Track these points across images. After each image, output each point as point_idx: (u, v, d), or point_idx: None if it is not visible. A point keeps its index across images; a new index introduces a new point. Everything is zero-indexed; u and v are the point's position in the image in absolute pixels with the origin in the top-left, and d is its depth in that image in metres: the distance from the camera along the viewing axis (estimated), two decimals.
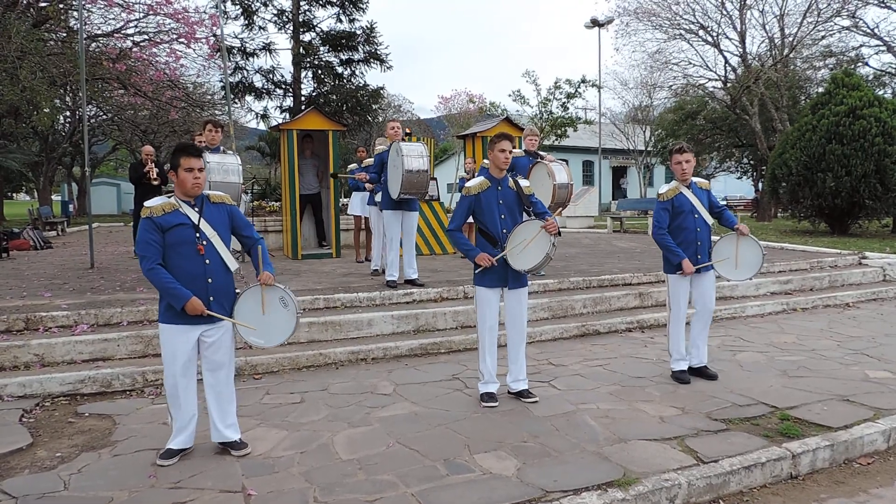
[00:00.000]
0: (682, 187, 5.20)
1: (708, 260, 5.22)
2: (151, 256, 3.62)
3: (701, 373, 5.34)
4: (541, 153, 8.10)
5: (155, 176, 9.91)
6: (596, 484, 3.41)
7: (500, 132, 4.83)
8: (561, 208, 7.90)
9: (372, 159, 8.22)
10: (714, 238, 5.35)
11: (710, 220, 5.25)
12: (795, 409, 4.52)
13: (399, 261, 7.58)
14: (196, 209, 3.77)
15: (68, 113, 25.72)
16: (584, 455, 3.80)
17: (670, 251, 5.15)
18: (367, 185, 8.78)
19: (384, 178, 7.44)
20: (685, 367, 5.33)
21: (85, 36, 10.12)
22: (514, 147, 4.90)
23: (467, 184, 4.80)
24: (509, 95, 41.76)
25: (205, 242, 3.73)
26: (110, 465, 3.75)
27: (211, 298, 3.73)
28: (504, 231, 4.65)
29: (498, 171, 4.75)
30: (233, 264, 3.85)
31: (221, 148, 7.10)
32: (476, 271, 4.73)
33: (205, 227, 3.75)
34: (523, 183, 4.80)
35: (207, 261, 3.73)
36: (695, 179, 5.29)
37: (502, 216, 4.69)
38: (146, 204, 3.72)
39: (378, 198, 8.11)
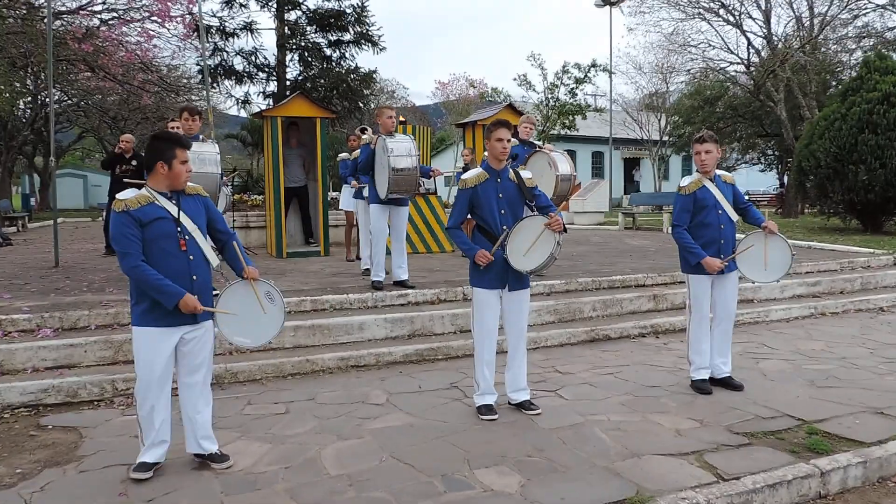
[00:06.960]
0: (706, 180, 5.19)
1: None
2: (134, 253, 3.60)
3: (725, 384, 5.31)
4: (537, 143, 8.10)
5: (130, 170, 9.91)
6: (607, 502, 3.42)
7: (497, 119, 4.82)
8: (564, 202, 7.94)
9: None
10: (739, 236, 5.34)
11: (734, 216, 5.23)
12: (824, 423, 4.53)
13: (386, 259, 7.58)
14: (173, 202, 3.77)
15: (29, 98, 25.62)
16: (594, 471, 3.81)
17: (688, 250, 5.14)
18: (353, 182, 8.76)
19: (372, 172, 7.42)
20: (706, 377, 5.31)
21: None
22: (512, 135, 4.87)
23: (463, 176, 4.78)
24: (514, 80, 41.82)
25: (187, 237, 3.74)
26: (76, 482, 3.75)
27: (196, 297, 3.74)
28: (504, 228, 4.63)
29: (496, 161, 4.73)
30: (214, 259, 3.88)
31: (200, 136, 7.08)
32: (471, 270, 4.73)
33: (185, 220, 3.76)
34: (525, 174, 4.78)
35: (191, 256, 3.75)
36: (718, 172, 5.28)
37: (502, 211, 4.67)
38: (119, 196, 3.70)
39: (365, 192, 8.08)
